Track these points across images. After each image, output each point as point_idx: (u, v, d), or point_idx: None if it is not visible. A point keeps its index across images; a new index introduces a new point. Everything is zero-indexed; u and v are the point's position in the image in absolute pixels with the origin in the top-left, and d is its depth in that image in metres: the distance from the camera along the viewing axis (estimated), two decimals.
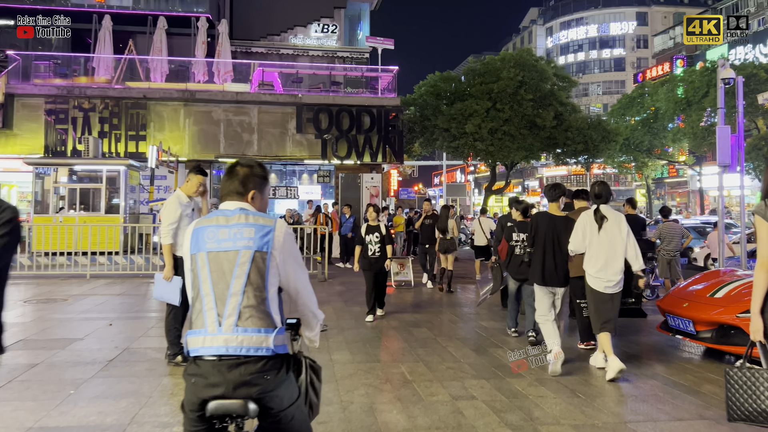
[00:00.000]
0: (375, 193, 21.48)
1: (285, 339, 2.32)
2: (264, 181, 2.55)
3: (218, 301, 2.26)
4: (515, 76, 23.88)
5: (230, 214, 2.39)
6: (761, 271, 3.15)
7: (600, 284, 5.65)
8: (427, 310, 9.44)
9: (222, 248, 2.30)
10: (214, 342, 2.22)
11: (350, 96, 21.59)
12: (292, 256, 2.40)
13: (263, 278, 2.28)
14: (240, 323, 2.23)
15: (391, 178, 43.35)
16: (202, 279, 2.30)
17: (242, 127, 20.87)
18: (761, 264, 3.16)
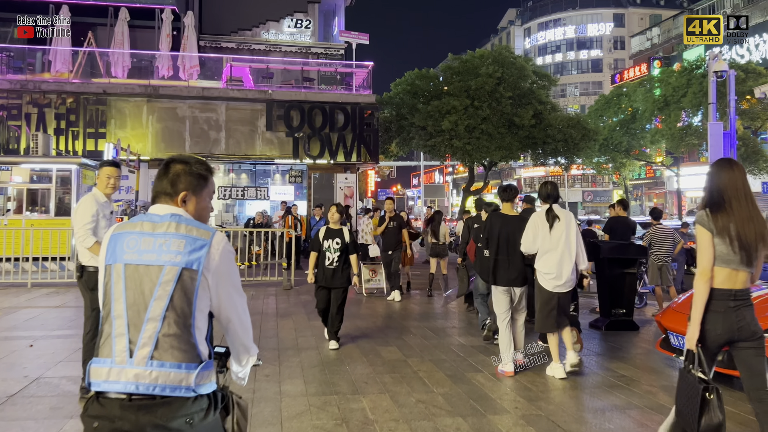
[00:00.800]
0: (349, 194, 20.47)
1: (211, 375, 1.97)
2: (201, 181, 2.14)
3: (131, 325, 1.91)
4: (494, 73, 23.07)
5: (158, 220, 2.03)
6: (702, 282, 3.14)
7: (549, 283, 5.57)
8: (399, 324, 8.45)
9: (143, 261, 1.95)
10: (121, 376, 1.87)
11: (323, 93, 20.55)
12: (228, 277, 2.04)
13: (190, 302, 1.93)
14: (156, 355, 1.88)
15: (369, 178, 42.37)
16: (115, 296, 1.94)
17: (209, 125, 19.71)
18: (702, 274, 3.14)
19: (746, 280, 3.20)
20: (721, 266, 3.15)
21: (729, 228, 3.12)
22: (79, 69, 19.69)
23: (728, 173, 3.22)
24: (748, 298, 3.21)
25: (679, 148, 34.61)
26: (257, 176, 21.86)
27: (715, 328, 3.14)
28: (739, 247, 3.11)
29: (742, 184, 3.19)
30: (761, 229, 3.15)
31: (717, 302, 3.16)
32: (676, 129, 33.88)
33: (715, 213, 3.17)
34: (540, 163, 26.87)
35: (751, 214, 3.14)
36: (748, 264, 3.15)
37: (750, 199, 3.18)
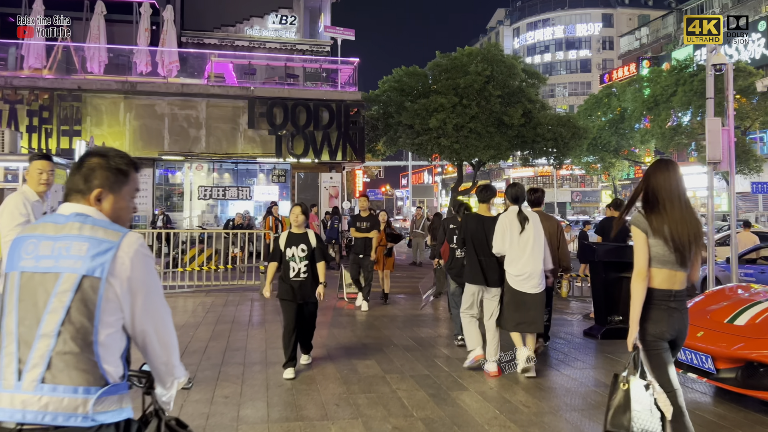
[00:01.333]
0: (335, 194, 19.81)
1: (122, 400, 1.71)
2: (120, 176, 1.88)
3: (22, 343, 1.65)
4: (483, 71, 22.52)
5: (63, 220, 1.77)
6: (639, 282, 3.15)
7: (521, 285, 5.59)
8: (380, 333, 7.80)
9: (40, 268, 1.69)
10: (8, 402, 1.61)
11: (307, 89, 19.87)
12: (142, 286, 1.75)
13: (91, 315, 1.66)
14: (48, 378, 1.62)
15: (357, 178, 41.70)
16: (8, 309, 1.69)
17: (189, 122, 18.97)
18: (638, 274, 3.16)
19: (683, 280, 3.20)
20: (658, 267, 3.16)
21: (663, 229, 3.13)
22: (54, 64, 18.89)
23: (664, 174, 3.21)
24: (684, 300, 3.22)
25: (668, 148, 34.25)
26: (241, 176, 21.15)
27: (660, 326, 3.14)
28: (674, 248, 3.13)
29: (676, 186, 3.19)
30: (694, 230, 3.16)
31: (659, 302, 3.16)
32: (666, 128, 33.53)
33: (650, 214, 3.18)
34: (529, 165, 26.31)
35: (684, 216, 3.15)
36: (683, 265, 3.15)
37: (684, 200, 3.20)
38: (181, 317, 8.57)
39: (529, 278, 5.54)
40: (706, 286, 11.85)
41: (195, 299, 10.42)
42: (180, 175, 20.62)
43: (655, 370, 3.14)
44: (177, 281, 11.57)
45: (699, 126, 34.02)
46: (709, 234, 10.50)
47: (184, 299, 10.42)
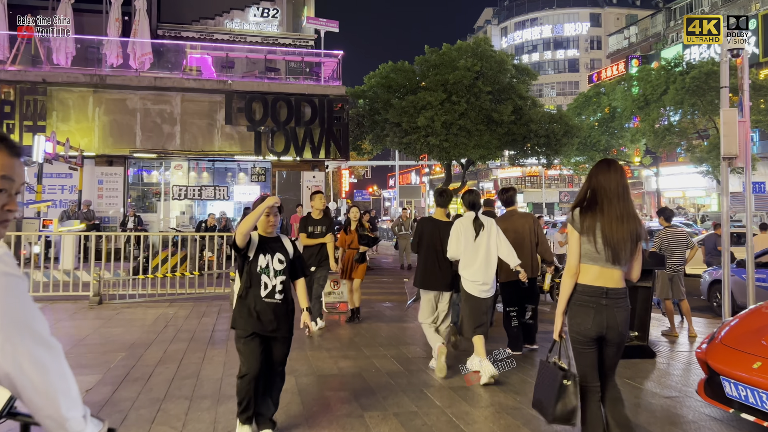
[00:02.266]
0: None
1: None
2: None
3: None
4: (472, 67, 21.51)
5: None
6: (568, 277, 3.21)
7: (476, 289, 5.56)
8: (360, 354, 6.69)
9: None
10: None
11: (288, 83, 18.73)
12: None
13: None
14: None
15: (343, 178, 40.57)
16: None
17: (162, 118, 17.75)
18: (568, 270, 3.22)
19: (619, 278, 3.21)
20: (589, 263, 3.19)
21: (595, 227, 3.16)
22: (18, 56, 17.58)
23: (605, 175, 3.24)
24: (622, 298, 3.21)
25: (660, 147, 33.48)
26: (223, 175, 19.94)
27: (585, 322, 3.16)
28: (605, 245, 3.13)
29: (616, 185, 3.21)
30: (631, 229, 3.17)
31: (588, 298, 3.18)
32: (657, 128, 32.78)
33: (584, 213, 3.22)
34: (518, 164, 25.32)
35: (622, 215, 3.17)
36: (616, 262, 3.15)
37: (624, 200, 3.21)
38: (133, 334, 7.41)
39: (482, 284, 5.54)
40: (721, 293, 10.92)
41: (156, 310, 9.25)
42: (156, 174, 19.39)
43: (578, 364, 3.21)
44: (139, 289, 10.39)
45: (690, 125, 33.32)
46: (724, 237, 9.51)
47: (144, 310, 9.24)
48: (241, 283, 3.93)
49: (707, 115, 32.25)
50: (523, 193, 60.68)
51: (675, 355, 7.04)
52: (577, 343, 3.22)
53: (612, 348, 3.24)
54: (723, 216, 9.61)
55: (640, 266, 3.29)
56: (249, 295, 3.88)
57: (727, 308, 9.32)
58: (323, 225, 7.68)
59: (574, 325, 3.21)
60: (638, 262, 3.26)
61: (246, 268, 3.89)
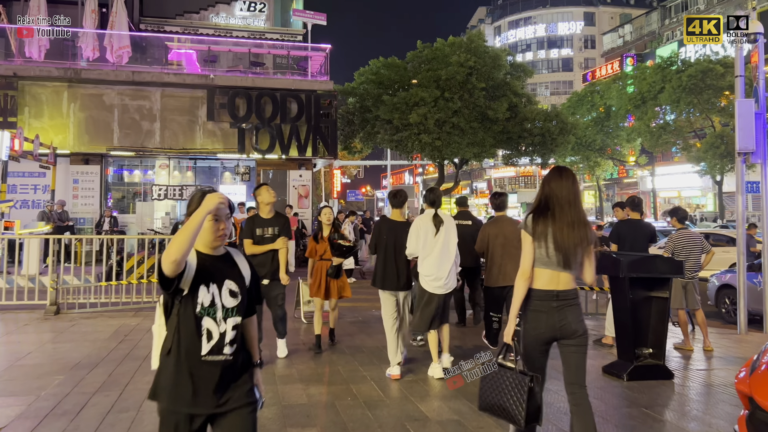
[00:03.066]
0: (304, 194, 17.76)
1: None
2: None
3: None
4: (466, 62, 20.68)
5: None
6: (521, 281, 3.27)
7: (428, 284, 5.58)
8: (337, 377, 5.80)
9: None
10: None
11: (273, 78, 17.84)
12: None
13: None
14: None
15: (335, 178, 39.67)
16: None
17: (141, 114, 16.82)
18: (522, 273, 3.27)
19: (569, 281, 3.27)
20: (541, 268, 3.26)
21: (546, 233, 3.23)
22: None
23: (557, 182, 3.31)
24: (572, 298, 3.28)
25: (656, 147, 32.77)
26: (207, 174, 19.00)
27: (538, 326, 3.24)
28: (556, 250, 3.21)
29: (568, 192, 3.28)
30: (581, 235, 3.24)
31: (540, 302, 3.25)
32: (653, 127, 32.09)
33: (537, 219, 3.29)
34: (511, 163, 24.49)
35: (572, 221, 3.24)
36: (567, 267, 3.23)
37: (575, 206, 3.27)
38: (81, 350, 6.50)
39: (436, 279, 5.53)
40: (730, 299, 10.12)
41: (118, 321, 8.34)
42: (139, 173, 18.45)
43: (529, 368, 3.21)
44: (102, 297, 9.47)
45: (687, 124, 32.60)
46: (739, 241, 8.68)
47: (104, 321, 8.32)
48: (167, 332, 2.40)
49: (704, 114, 31.57)
50: (517, 193, 59.93)
51: (694, 375, 6.19)
52: (531, 348, 3.27)
53: (572, 347, 3.27)
54: (738, 218, 8.79)
55: (592, 269, 3.35)
56: (181, 353, 2.33)
57: (743, 318, 8.52)
58: (275, 226, 5.95)
59: (529, 330, 3.27)
60: (590, 265, 3.33)
61: (177, 310, 2.36)
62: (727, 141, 29.90)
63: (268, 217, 6.01)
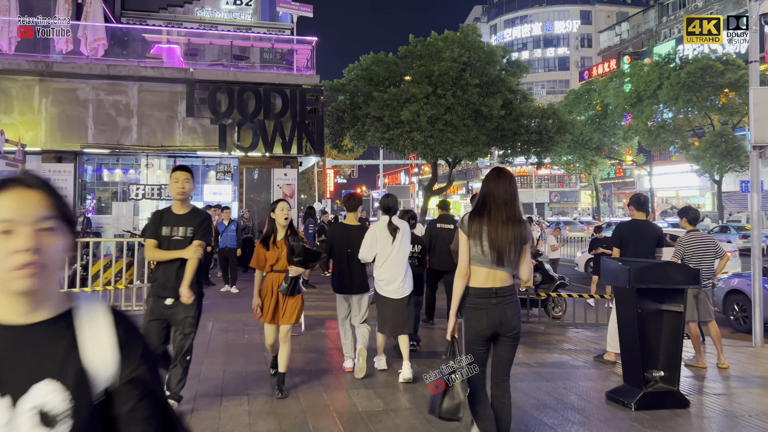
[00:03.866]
0: (290, 193, 16.89)
1: None
2: None
3: None
4: (459, 57, 19.83)
5: None
6: (459, 278, 3.32)
7: (381, 288, 5.63)
8: (296, 401, 4.93)
9: None
10: None
11: (256, 72, 16.97)
12: None
13: None
14: None
15: (328, 178, 38.84)
16: None
17: (117, 110, 15.93)
18: (459, 271, 3.32)
19: (506, 278, 3.32)
20: (478, 266, 3.30)
21: (482, 232, 3.27)
22: None
23: (494, 182, 3.37)
24: (510, 295, 3.32)
25: (654, 145, 31.99)
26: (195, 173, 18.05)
27: (480, 323, 3.27)
28: (491, 249, 3.25)
29: (504, 192, 3.33)
30: (515, 234, 3.27)
31: (480, 299, 3.28)
32: (651, 125, 31.34)
33: (473, 218, 3.33)
34: (507, 163, 23.61)
35: (507, 219, 3.28)
36: (501, 264, 3.26)
37: (511, 205, 3.32)
38: None
39: (389, 283, 5.58)
40: (739, 305, 9.30)
41: None
42: (119, 172, 17.56)
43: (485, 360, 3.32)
44: None
45: (685, 122, 31.83)
46: (755, 244, 7.83)
47: None
48: None
49: (702, 112, 30.82)
50: None
51: (711, 401, 5.33)
52: (473, 344, 3.30)
53: (507, 344, 3.35)
54: (753, 218, 7.94)
55: (527, 266, 3.40)
56: None
57: (758, 329, 7.68)
58: (188, 225, 4.28)
59: (470, 327, 3.30)
60: (526, 263, 3.39)
61: None
62: (727, 140, 29.14)
63: (181, 212, 4.34)
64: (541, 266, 9.58)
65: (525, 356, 6.68)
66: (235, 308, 9.54)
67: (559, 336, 8.04)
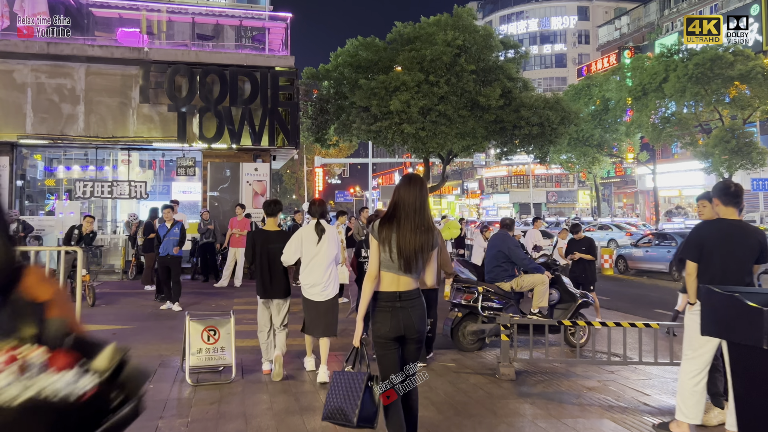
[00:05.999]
0: (261, 191, 14.59)
1: None
2: None
3: None
4: (453, 41, 17.59)
5: None
6: (367, 283, 3.32)
7: (306, 291, 5.64)
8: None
9: None
10: None
11: (222, 52, 14.67)
12: None
13: None
14: None
15: (316, 177, 36.59)
16: None
17: (61, 95, 13.62)
18: (368, 276, 3.32)
19: (409, 283, 3.31)
20: (385, 271, 3.30)
21: (390, 238, 3.25)
22: None
23: (405, 189, 3.35)
24: (414, 298, 3.33)
25: (659, 141, 29.78)
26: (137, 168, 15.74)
27: (385, 325, 3.27)
28: (398, 255, 3.24)
29: (414, 199, 3.31)
30: (422, 241, 3.26)
31: (385, 303, 3.29)
32: (656, 119, 29.16)
33: (383, 225, 3.31)
34: (506, 158, 21.34)
35: (416, 227, 3.27)
36: (407, 271, 3.27)
37: (420, 213, 3.30)
38: None
39: (313, 286, 5.56)
40: None
41: None
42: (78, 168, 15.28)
43: (381, 366, 3.31)
44: None
45: (692, 117, 29.66)
46: None
47: None
48: None
49: (711, 106, 28.62)
50: (510, 192, 56.97)
51: None
52: (380, 347, 3.31)
53: (412, 345, 3.36)
54: None
55: (433, 273, 3.45)
56: None
57: None
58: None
59: (376, 330, 3.30)
60: (431, 269, 3.42)
61: None
62: (739, 135, 26.96)
63: None
64: (559, 280, 7.31)
65: (549, 418, 4.47)
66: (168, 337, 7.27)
67: (590, 380, 5.78)
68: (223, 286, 11.90)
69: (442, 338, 7.12)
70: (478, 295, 6.82)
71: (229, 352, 5.38)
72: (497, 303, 6.91)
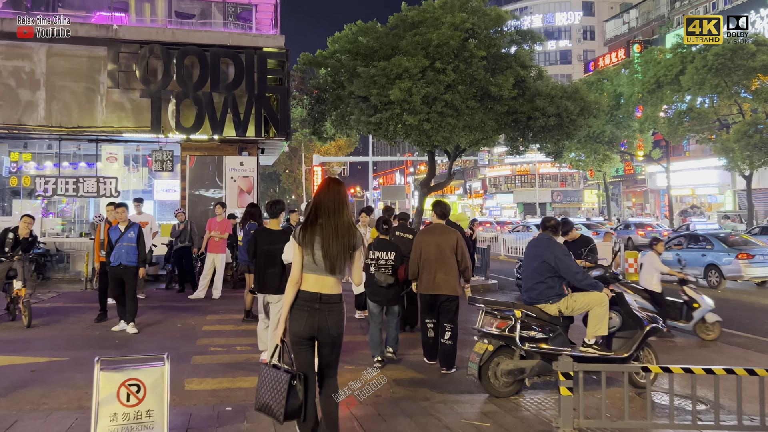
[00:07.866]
0: (246, 188, 12.78)
1: None
2: None
3: None
4: (462, 24, 15.78)
5: None
6: (290, 287, 3.37)
7: None
8: None
9: None
10: None
11: (201, 31, 12.86)
12: None
13: None
14: None
15: (315, 176, 34.82)
16: None
17: (19, 80, 11.83)
18: (291, 279, 3.37)
19: (333, 285, 3.37)
20: (308, 273, 3.35)
21: (313, 241, 3.30)
22: None
23: (325, 192, 3.39)
24: (335, 303, 3.37)
25: (676, 136, 27.94)
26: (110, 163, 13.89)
27: (299, 324, 3.32)
28: (324, 258, 3.28)
29: (333, 202, 3.36)
30: (345, 242, 3.32)
31: (304, 302, 3.33)
32: (674, 113, 27.33)
33: (305, 228, 3.35)
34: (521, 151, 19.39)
35: (337, 229, 3.32)
36: (332, 272, 3.32)
37: (340, 216, 3.35)
38: None
39: None
40: None
41: None
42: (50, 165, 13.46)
43: (297, 363, 3.36)
44: None
45: (711, 111, 27.82)
46: None
47: None
48: None
49: (732, 99, 26.78)
50: (513, 192, 55.15)
51: None
52: (294, 344, 3.35)
53: (325, 348, 3.37)
54: None
55: (359, 271, 3.56)
56: None
57: None
58: None
59: (291, 327, 3.34)
60: (357, 268, 3.51)
61: None
62: (763, 129, 25.13)
63: None
64: (621, 300, 5.48)
65: None
66: None
67: None
68: (200, 297, 10.10)
69: (464, 377, 5.34)
70: (515, 321, 5.01)
71: (160, 418, 3.57)
72: (538, 332, 5.11)
